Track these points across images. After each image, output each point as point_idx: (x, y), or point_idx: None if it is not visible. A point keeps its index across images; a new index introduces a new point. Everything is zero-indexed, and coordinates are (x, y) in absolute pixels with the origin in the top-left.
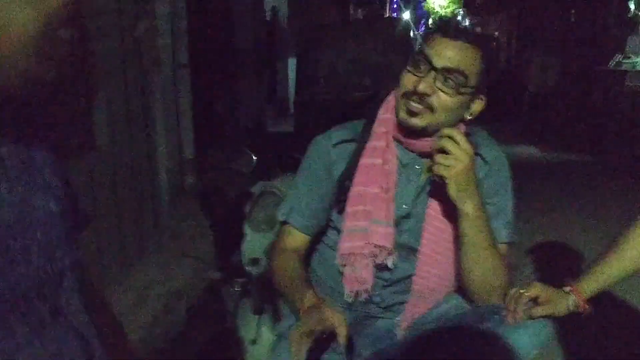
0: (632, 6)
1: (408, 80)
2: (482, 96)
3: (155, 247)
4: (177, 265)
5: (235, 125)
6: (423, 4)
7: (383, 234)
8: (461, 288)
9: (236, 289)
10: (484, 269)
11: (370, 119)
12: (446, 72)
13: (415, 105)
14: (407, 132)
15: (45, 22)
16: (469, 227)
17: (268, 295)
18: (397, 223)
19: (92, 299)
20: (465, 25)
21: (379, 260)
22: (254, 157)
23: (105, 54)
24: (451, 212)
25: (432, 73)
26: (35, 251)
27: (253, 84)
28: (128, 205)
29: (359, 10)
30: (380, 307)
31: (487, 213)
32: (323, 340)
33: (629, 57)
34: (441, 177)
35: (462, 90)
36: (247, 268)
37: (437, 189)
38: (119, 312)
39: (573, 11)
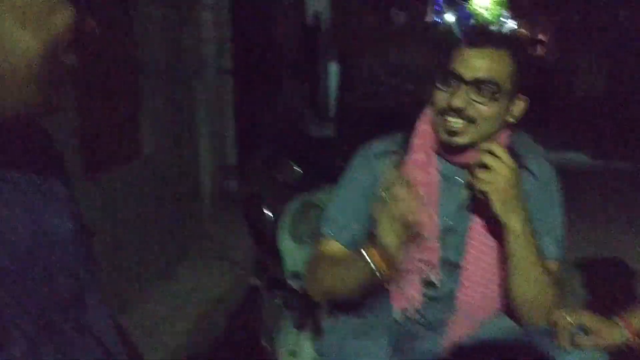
0: None
1: (440, 97)
2: (521, 96)
3: (196, 253)
4: (218, 271)
5: (277, 129)
6: (466, 6)
7: (427, 248)
8: (509, 308)
9: (277, 302)
10: (531, 287)
11: (410, 131)
12: (478, 83)
13: (454, 122)
14: (448, 145)
15: (48, 49)
16: (515, 243)
17: (310, 310)
18: (441, 238)
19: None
20: (490, 30)
21: (424, 276)
22: (300, 170)
23: (151, 62)
24: (496, 228)
25: (463, 86)
26: (57, 271)
27: (295, 88)
28: (171, 210)
29: (401, 13)
30: (423, 326)
31: (535, 229)
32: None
33: None
34: (483, 193)
35: (498, 96)
36: (289, 282)
37: (480, 203)
38: (161, 316)
39: (623, 12)
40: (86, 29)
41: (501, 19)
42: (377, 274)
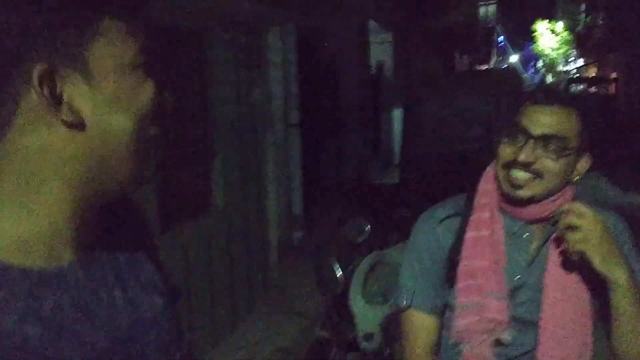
0: None
1: (507, 151)
2: (587, 154)
3: (263, 303)
4: (285, 322)
5: (342, 178)
6: (532, 46)
7: (496, 307)
8: None
9: None
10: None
11: (472, 192)
12: (546, 139)
13: (519, 175)
14: (512, 201)
15: (137, 124)
16: (622, 297)
17: None
18: (512, 295)
19: None
20: (558, 90)
21: (495, 336)
22: (368, 226)
23: (222, 120)
24: (573, 282)
25: (531, 141)
26: (151, 350)
27: (359, 137)
28: (239, 261)
29: (464, 57)
30: None
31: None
32: None
33: None
34: (581, 255)
35: (565, 153)
36: (361, 344)
37: (554, 257)
38: None
39: None
40: (165, 101)
41: (569, 58)
42: None
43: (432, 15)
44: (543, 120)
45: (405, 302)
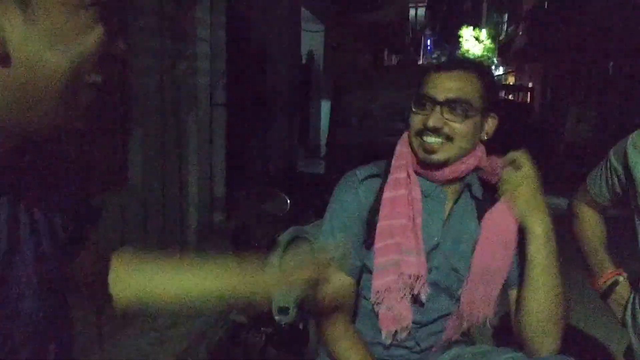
0: None
1: (417, 120)
2: (492, 114)
3: None
4: None
5: (267, 164)
6: (458, 51)
7: (415, 263)
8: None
9: (262, 338)
10: (550, 297)
11: (392, 156)
12: (450, 103)
13: (431, 141)
14: (428, 165)
15: (74, 67)
16: (537, 249)
17: (295, 347)
18: (427, 257)
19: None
20: (456, 58)
21: (415, 291)
22: (288, 200)
23: (144, 92)
24: (495, 243)
25: (438, 107)
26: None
27: (286, 125)
28: (156, 241)
29: (393, 56)
30: (414, 352)
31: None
32: None
33: None
34: (508, 195)
35: (470, 114)
36: (276, 317)
37: (460, 220)
38: (141, 350)
39: (611, 63)
40: (115, 51)
41: (490, 65)
42: None
43: (364, 10)
44: (446, 85)
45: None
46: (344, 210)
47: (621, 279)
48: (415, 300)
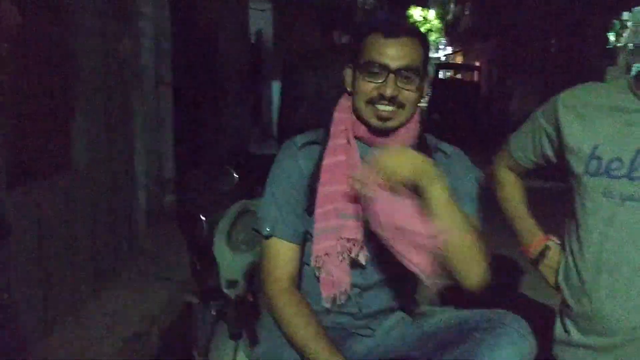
0: (611, 37)
1: (368, 87)
2: (427, 78)
3: (130, 269)
4: (152, 288)
5: (218, 146)
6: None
7: (353, 227)
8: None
9: (212, 313)
10: (463, 245)
11: (329, 123)
12: (403, 71)
13: (385, 109)
14: (376, 131)
15: None
16: (430, 191)
17: (245, 319)
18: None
19: None
20: (400, 22)
21: (353, 255)
22: (235, 175)
23: (86, 71)
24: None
25: (392, 75)
26: None
27: (237, 106)
28: (104, 225)
29: (343, 35)
30: (358, 319)
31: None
32: None
33: None
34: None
35: (418, 81)
36: (225, 290)
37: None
38: (92, 334)
39: (553, 41)
40: (5, 17)
41: (439, 45)
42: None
43: None
44: (398, 53)
45: (267, 230)
46: (284, 178)
47: (552, 244)
48: (356, 264)
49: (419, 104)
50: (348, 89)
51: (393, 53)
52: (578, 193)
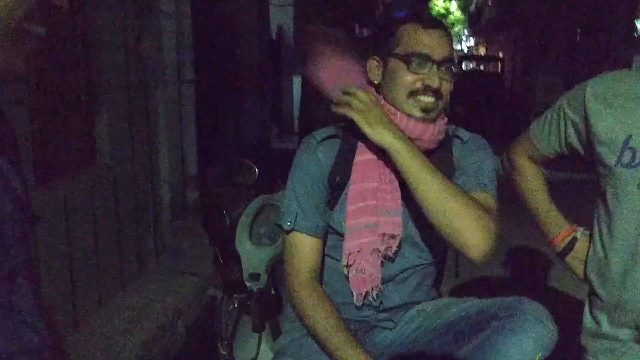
0: (638, 25)
1: (413, 79)
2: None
3: (155, 265)
4: (177, 283)
5: (239, 141)
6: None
7: (392, 223)
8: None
9: (235, 306)
10: (444, 205)
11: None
12: (446, 62)
13: (428, 100)
14: (407, 124)
15: (13, 15)
16: (402, 160)
17: (268, 312)
18: (403, 212)
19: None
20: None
21: (391, 251)
22: (256, 169)
23: (109, 69)
24: None
25: (435, 66)
26: None
27: (258, 101)
28: (128, 221)
29: (364, 29)
30: (381, 311)
31: (467, 176)
32: None
33: None
34: (352, 120)
35: (453, 72)
36: (247, 284)
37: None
38: (117, 327)
39: (578, 31)
40: (57, 2)
41: (462, 37)
42: None
43: None
44: (439, 44)
45: (288, 224)
46: (305, 172)
47: (579, 234)
48: (384, 258)
49: None
50: (374, 81)
51: (435, 44)
52: (610, 184)
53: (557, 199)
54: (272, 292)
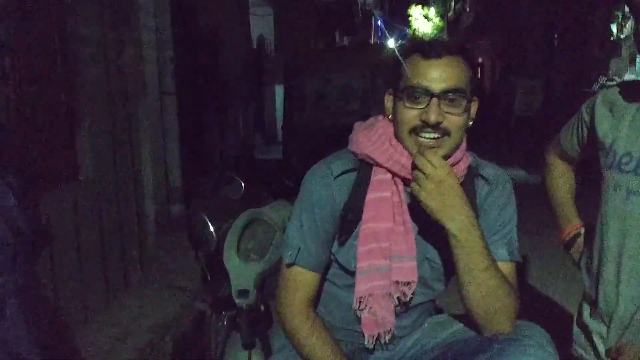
0: (614, 29)
1: (411, 115)
2: (474, 98)
3: (140, 279)
4: (163, 298)
5: (223, 153)
6: (407, 31)
7: (407, 269)
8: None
9: (224, 323)
10: (482, 291)
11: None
12: (448, 94)
13: (429, 138)
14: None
15: None
16: (457, 248)
17: (258, 329)
18: (418, 256)
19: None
20: (440, 41)
21: (407, 298)
22: (242, 183)
23: (90, 82)
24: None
25: (434, 100)
26: None
27: (240, 111)
28: (113, 235)
29: (345, 38)
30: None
31: (488, 231)
32: None
33: (613, 80)
34: (421, 202)
35: (464, 104)
36: (236, 300)
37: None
38: (103, 346)
39: (556, 35)
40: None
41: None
42: None
43: None
44: (440, 74)
45: (289, 258)
46: (316, 208)
47: (583, 230)
48: (397, 301)
49: (468, 126)
50: (389, 116)
51: (435, 75)
52: (601, 185)
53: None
54: (262, 307)
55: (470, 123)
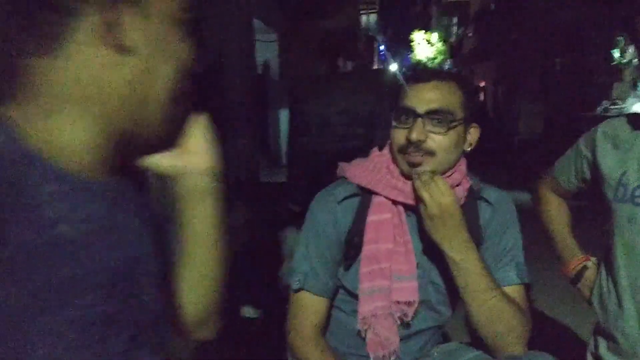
0: (616, 54)
1: (399, 135)
2: (474, 124)
3: None
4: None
5: (228, 177)
6: (410, 55)
7: (408, 289)
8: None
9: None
10: (484, 313)
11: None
12: (432, 114)
13: (414, 155)
14: (409, 180)
15: (179, 76)
16: (457, 272)
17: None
18: (419, 276)
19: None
20: (431, 68)
21: (408, 318)
22: (248, 212)
23: None
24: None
25: (419, 120)
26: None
27: (246, 136)
28: None
29: (348, 62)
30: None
31: (494, 255)
32: None
33: (616, 103)
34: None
35: (452, 125)
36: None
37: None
38: None
39: (558, 59)
40: (199, 58)
41: (443, 67)
42: None
43: (315, 18)
44: (426, 96)
45: (297, 283)
46: (321, 233)
47: (590, 264)
48: (400, 321)
49: (462, 151)
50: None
51: (421, 97)
52: (609, 218)
53: (583, 228)
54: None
55: (469, 149)
